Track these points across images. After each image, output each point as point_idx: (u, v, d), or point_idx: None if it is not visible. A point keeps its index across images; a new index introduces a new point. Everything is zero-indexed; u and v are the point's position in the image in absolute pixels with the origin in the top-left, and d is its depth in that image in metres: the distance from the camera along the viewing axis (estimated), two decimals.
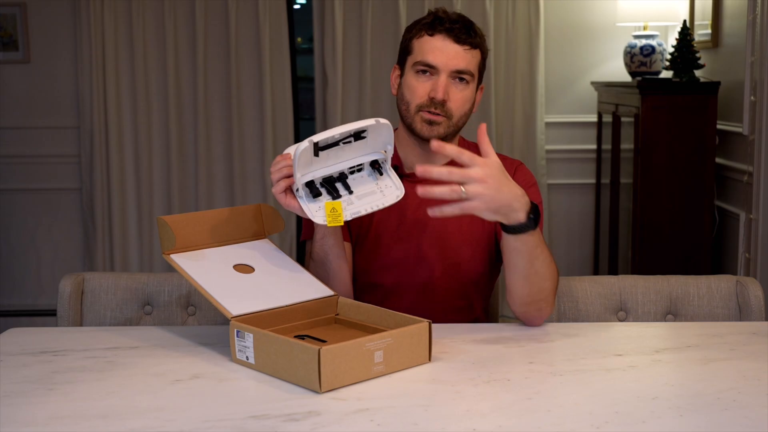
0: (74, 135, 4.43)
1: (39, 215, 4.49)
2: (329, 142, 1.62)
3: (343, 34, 4.33)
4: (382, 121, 1.66)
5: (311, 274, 1.72)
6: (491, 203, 1.52)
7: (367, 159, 1.70)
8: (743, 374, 1.45)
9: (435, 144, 1.54)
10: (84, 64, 4.30)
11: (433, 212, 1.53)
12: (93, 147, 4.34)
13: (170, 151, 4.38)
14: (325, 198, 1.66)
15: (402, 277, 1.87)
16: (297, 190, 1.64)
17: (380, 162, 1.72)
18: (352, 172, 1.70)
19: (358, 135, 1.65)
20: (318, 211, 1.64)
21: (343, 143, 1.64)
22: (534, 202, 1.62)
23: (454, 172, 1.51)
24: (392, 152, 1.72)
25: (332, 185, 1.67)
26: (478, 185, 1.50)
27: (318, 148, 1.61)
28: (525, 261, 1.65)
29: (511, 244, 1.64)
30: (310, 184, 1.65)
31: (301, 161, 1.60)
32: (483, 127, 1.59)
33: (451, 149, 1.53)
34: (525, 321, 1.75)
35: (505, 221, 1.59)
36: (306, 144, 1.59)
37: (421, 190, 1.52)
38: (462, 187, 1.50)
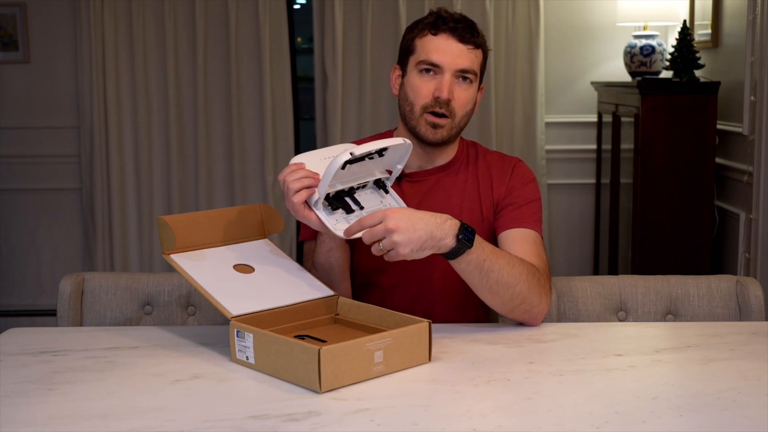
0: (74, 135, 4.43)
1: (39, 215, 4.49)
2: (359, 157, 1.62)
3: (343, 34, 4.33)
4: (408, 142, 1.69)
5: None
6: (410, 245, 1.55)
7: (373, 177, 1.71)
8: (743, 374, 1.45)
9: (345, 232, 1.61)
10: (84, 64, 4.30)
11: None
12: (93, 147, 4.34)
13: (170, 151, 4.38)
14: (341, 212, 1.65)
15: (400, 277, 1.87)
16: (315, 202, 1.62)
17: (384, 180, 1.73)
18: (358, 188, 1.70)
19: (380, 151, 1.66)
20: (337, 224, 1.64)
21: (368, 158, 1.65)
22: (462, 221, 1.61)
23: (373, 233, 1.55)
24: (400, 171, 1.75)
25: (342, 200, 1.67)
26: (392, 235, 1.53)
27: (348, 162, 1.60)
28: (479, 278, 1.65)
29: (458, 267, 1.64)
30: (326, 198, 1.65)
31: (334, 174, 1.60)
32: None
33: (355, 228, 1.59)
34: (522, 323, 1.75)
35: (437, 252, 1.59)
36: (345, 157, 1.58)
37: (346, 232, 1.61)
38: (380, 244, 1.55)
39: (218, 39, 4.35)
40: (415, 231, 1.54)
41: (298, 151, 4.52)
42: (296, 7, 4.73)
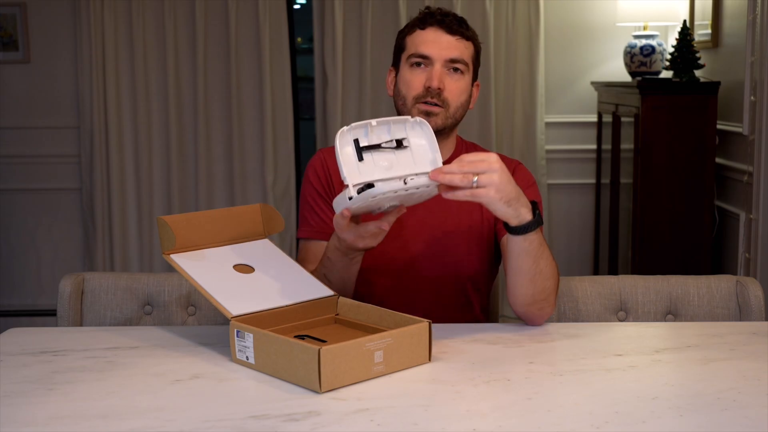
0: (74, 135, 4.43)
1: (39, 215, 4.49)
2: (368, 143, 1.55)
3: (343, 34, 4.33)
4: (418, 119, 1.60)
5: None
6: (503, 193, 1.51)
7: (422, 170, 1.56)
8: (743, 374, 1.45)
9: (432, 174, 1.51)
10: (84, 64, 4.30)
11: (446, 194, 1.52)
12: (93, 147, 4.34)
13: (170, 151, 4.38)
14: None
15: (399, 275, 1.87)
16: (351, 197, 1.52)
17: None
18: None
19: (400, 143, 1.58)
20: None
21: (385, 146, 1.57)
22: (532, 200, 1.62)
23: (467, 165, 1.50)
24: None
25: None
26: (491, 174, 1.49)
27: (359, 149, 1.54)
28: (531, 261, 1.65)
29: (519, 245, 1.63)
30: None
31: (349, 163, 1.52)
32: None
33: (450, 165, 1.51)
34: (526, 321, 1.75)
35: (514, 220, 1.58)
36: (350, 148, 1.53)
37: (434, 174, 1.51)
38: (475, 177, 1.49)
39: (218, 39, 4.35)
40: (510, 183, 1.53)
41: (298, 151, 4.53)
42: (296, 7, 4.73)
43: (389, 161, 1.55)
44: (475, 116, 4.33)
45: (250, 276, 1.64)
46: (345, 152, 1.54)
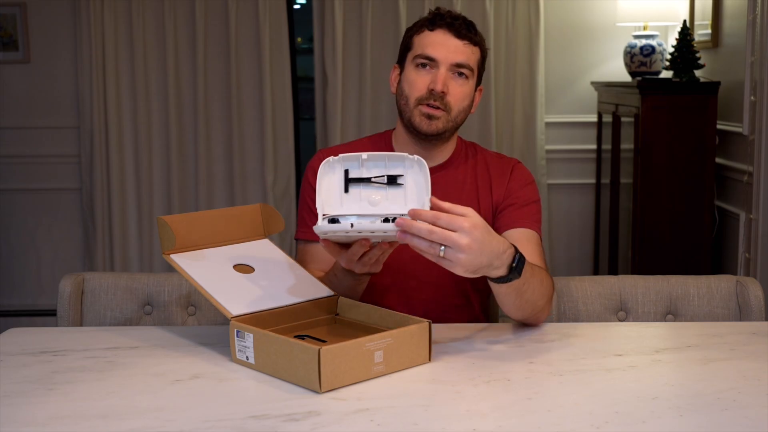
0: (74, 135, 4.43)
1: (39, 215, 4.49)
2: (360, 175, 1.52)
3: (343, 34, 4.33)
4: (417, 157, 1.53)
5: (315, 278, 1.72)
6: (469, 267, 1.42)
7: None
8: (743, 374, 1.45)
9: (399, 221, 1.42)
10: (84, 64, 4.30)
11: (403, 240, 1.43)
12: (93, 147, 4.34)
13: (170, 151, 4.38)
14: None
15: (398, 276, 1.87)
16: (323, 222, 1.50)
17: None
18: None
19: (393, 180, 1.52)
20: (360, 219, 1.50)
21: (375, 180, 1.52)
22: (519, 252, 1.53)
23: (435, 233, 1.38)
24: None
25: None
26: (460, 253, 1.39)
27: (348, 180, 1.51)
28: (513, 298, 1.62)
29: (497, 290, 1.58)
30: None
31: (329, 192, 1.49)
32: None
33: (426, 216, 1.40)
34: (524, 324, 1.75)
35: (484, 275, 1.51)
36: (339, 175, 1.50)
37: (400, 235, 1.42)
38: (441, 248, 1.39)
39: (218, 39, 4.35)
40: (480, 255, 1.42)
41: (298, 151, 4.53)
42: (296, 7, 4.73)
43: (377, 197, 1.51)
44: (475, 116, 4.33)
45: (250, 276, 1.64)
46: (327, 180, 1.51)
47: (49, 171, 4.46)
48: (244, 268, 1.66)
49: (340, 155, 1.54)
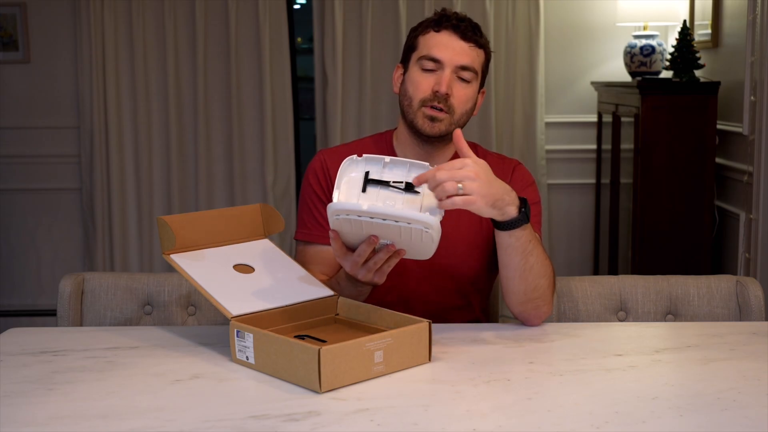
0: (74, 135, 4.43)
1: (39, 215, 4.49)
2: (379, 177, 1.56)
3: (343, 34, 4.33)
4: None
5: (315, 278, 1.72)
6: (487, 197, 1.54)
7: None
8: (743, 374, 1.45)
9: (417, 178, 1.53)
10: (84, 64, 4.30)
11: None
12: (93, 147, 4.34)
13: (170, 151, 4.38)
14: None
15: (399, 276, 1.87)
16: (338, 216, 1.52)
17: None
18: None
19: (411, 186, 1.56)
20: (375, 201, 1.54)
21: (394, 184, 1.56)
22: (522, 197, 1.64)
23: (445, 173, 1.51)
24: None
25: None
26: (473, 182, 1.51)
27: (367, 181, 1.55)
28: (519, 257, 1.66)
29: (505, 241, 1.65)
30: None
31: (348, 188, 1.53)
32: (458, 132, 1.60)
33: (429, 173, 1.52)
34: (523, 321, 1.75)
35: (499, 217, 1.60)
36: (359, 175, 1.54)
37: (418, 180, 1.53)
38: (459, 184, 1.51)
39: (218, 39, 4.35)
40: (491, 185, 1.55)
41: (298, 151, 4.53)
42: (296, 7, 4.73)
43: (393, 201, 1.55)
44: (475, 116, 4.29)
45: (250, 276, 1.64)
46: (348, 177, 1.55)
47: (49, 171, 4.46)
48: (244, 268, 1.66)
49: (364, 155, 1.58)
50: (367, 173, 1.56)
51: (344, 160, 1.57)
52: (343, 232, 1.55)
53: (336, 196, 1.55)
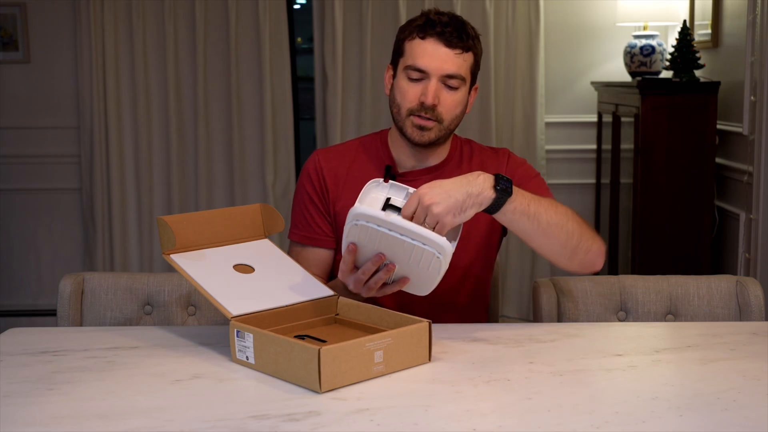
0: (74, 135, 4.43)
1: (39, 215, 4.49)
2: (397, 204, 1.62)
3: (343, 34, 4.33)
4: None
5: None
6: (451, 211, 1.55)
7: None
8: (743, 374, 1.45)
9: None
10: (84, 64, 4.30)
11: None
12: (93, 147, 4.34)
13: (170, 151, 4.38)
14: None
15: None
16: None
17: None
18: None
19: None
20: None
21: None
22: (496, 174, 1.61)
23: (417, 217, 1.55)
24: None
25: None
26: (431, 209, 1.54)
27: (387, 206, 1.61)
28: (529, 224, 1.65)
29: (505, 219, 1.64)
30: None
31: (369, 206, 1.58)
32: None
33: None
34: (589, 269, 1.76)
35: (481, 207, 1.59)
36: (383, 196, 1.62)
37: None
38: (425, 222, 1.54)
39: (218, 39, 4.35)
40: (450, 197, 1.55)
41: (298, 151, 4.53)
42: (296, 7, 4.73)
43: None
44: (475, 116, 4.33)
45: (250, 276, 1.64)
46: (371, 196, 1.62)
47: (49, 171, 4.46)
48: (244, 268, 1.66)
49: (390, 182, 1.64)
50: (388, 199, 1.62)
51: (370, 181, 1.64)
52: (357, 242, 1.58)
53: (359, 205, 1.58)
